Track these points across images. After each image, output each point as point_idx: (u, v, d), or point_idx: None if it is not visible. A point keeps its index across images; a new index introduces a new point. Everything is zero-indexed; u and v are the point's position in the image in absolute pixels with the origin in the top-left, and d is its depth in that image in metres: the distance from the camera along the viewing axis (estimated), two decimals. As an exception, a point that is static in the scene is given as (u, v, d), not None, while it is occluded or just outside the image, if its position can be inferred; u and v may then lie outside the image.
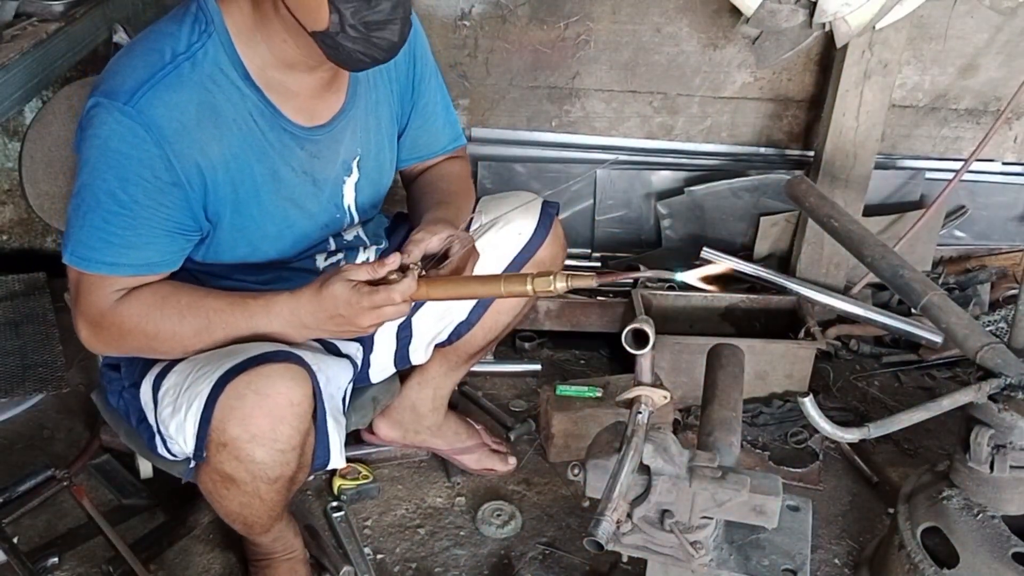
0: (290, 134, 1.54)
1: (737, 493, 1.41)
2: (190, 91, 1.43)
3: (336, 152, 1.62)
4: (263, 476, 1.48)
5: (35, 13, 1.92)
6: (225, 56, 1.46)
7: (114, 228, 1.44)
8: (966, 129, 2.75)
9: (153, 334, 1.48)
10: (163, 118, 1.41)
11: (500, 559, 1.97)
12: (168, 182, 1.44)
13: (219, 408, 1.42)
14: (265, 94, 1.50)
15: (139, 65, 1.43)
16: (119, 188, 1.42)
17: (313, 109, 1.57)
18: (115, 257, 1.45)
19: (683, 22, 2.58)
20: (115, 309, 1.47)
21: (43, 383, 2.33)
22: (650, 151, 2.75)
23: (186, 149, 1.44)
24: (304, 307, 1.48)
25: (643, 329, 1.39)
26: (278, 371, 1.42)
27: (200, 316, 1.48)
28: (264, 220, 1.57)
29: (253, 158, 1.51)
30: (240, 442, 1.43)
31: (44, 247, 2.86)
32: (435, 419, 2.13)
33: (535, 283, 1.38)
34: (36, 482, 1.98)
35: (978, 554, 1.65)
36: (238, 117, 1.48)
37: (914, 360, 2.67)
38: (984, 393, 1.63)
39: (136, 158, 1.41)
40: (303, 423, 1.46)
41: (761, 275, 2.65)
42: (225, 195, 1.51)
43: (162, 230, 1.47)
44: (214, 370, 1.45)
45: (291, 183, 1.57)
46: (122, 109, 1.39)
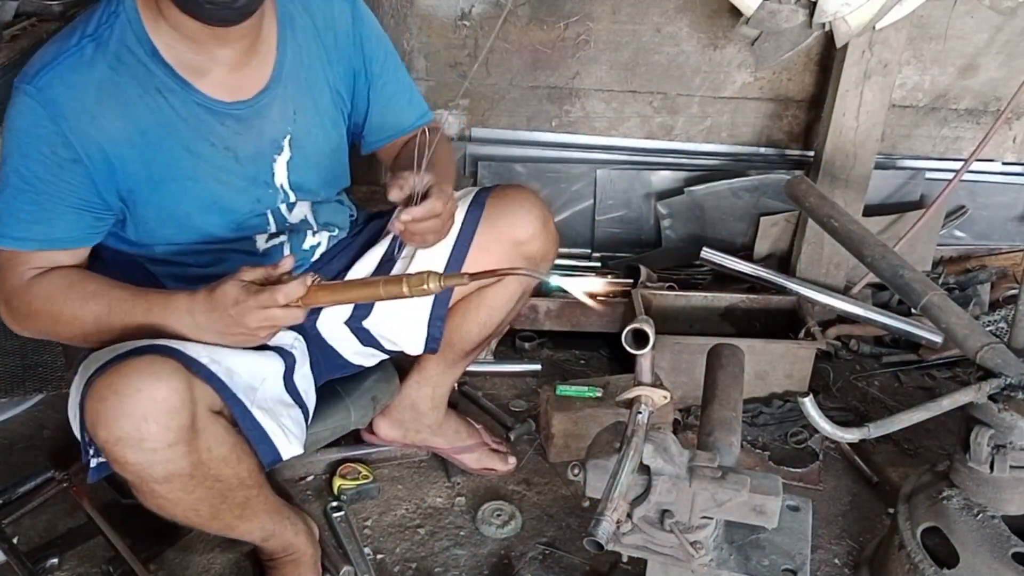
0: (205, 108, 1.55)
1: (737, 493, 1.41)
2: (90, 70, 1.46)
3: (261, 129, 1.62)
4: (148, 477, 1.43)
5: (35, 13, 1.92)
6: (132, 35, 1.48)
7: (21, 204, 1.48)
8: (966, 129, 2.75)
9: (56, 316, 1.50)
10: (60, 96, 1.45)
11: (500, 559, 1.97)
12: (67, 158, 1.47)
13: (88, 412, 1.39)
14: (175, 70, 1.51)
15: (49, 50, 1.48)
16: (22, 165, 1.47)
17: (233, 84, 1.57)
18: (22, 232, 1.49)
19: (683, 22, 2.58)
20: (26, 288, 1.51)
21: (43, 383, 2.32)
22: (650, 151, 2.76)
23: (84, 126, 1.47)
24: (198, 306, 1.46)
25: (643, 329, 1.39)
26: (139, 368, 1.37)
27: (102, 304, 1.49)
28: (183, 195, 1.57)
29: (164, 134, 1.52)
30: (109, 445, 1.39)
31: (44, 247, 2.86)
32: (435, 417, 2.13)
33: (409, 284, 1.38)
34: (36, 483, 1.98)
35: (978, 554, 1.65)
36: (144, 94, 1.50)
37: (914, 360, 2.67)
38: (984, 393, 1.63)
39: (34, 134, 1.46)
40: (174, 419, 1.39)
41: (761, 275, 2.65)
42: (136, 171, 1.52)
43: (66, 206, 1.50)
44: (88, 367, 1.45)
45: (210, 158, 1.57)
46: (25, 90, 1.45)
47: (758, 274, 2.65)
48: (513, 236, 1.81)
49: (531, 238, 1.83)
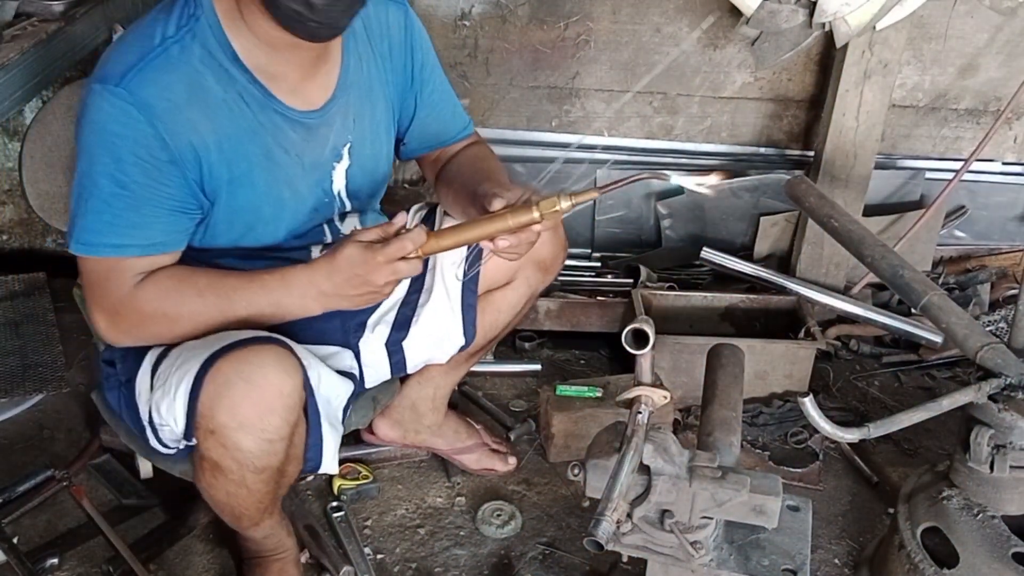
0: (281, 115, 1.55)
1: (737, 493, 1.41)
2: (179, 72, 1.45)
3: (327, 137, 1.63)
4: (250, 465, 1.48)
5: (35, 13, 1.92)
6: (214, 39, 1.47)
7: (117, 210, 1.45)
8: (966, 129, 2.75)
9: (175, 316, 1.49)
10: (153, 97, 1.42)
11: (500, 559, 1.97)
12: (164, 160, 1.45)
13: (207, 393, 1.42)
14: (255, 76, 1.51)
15: (128, 50, 1.45)
16: (117, 169, 1.43)
17: (305, 93, 1.57)
18: (120, 239, 1.46)
19: (683, 22, 2.58)
20: (133, 295, 1.48)
21: (43, 383, 2.33)
22: (650, 151, 2.75)
23: (178, 127, 1.45)
24: (319, 274, 1.49)
25: (643, 329, 1.39)
26: (268, 360, 1.43)
27: (220, 295, 1.49)
28: (258, 200, 1.57)
29: (245, 138, 1.52)
30: (228, 430, 1.43)
31: (44, 247, 2.86)
32: (435, 418, 2.13)
33: (541, 206, 1.40)
34: (36, 482, 1.98)
35: (978, 554, 1.65)
36: (228, 98, 1.49)
37: (914, 360, 2.67)
38: (984, 393, 1.63)
39: (130, 138, 1.42)
40: (292, 414, 1.46)
41: (761, 275, 2.65)
42: (220, 174, 1.52)
43: (164, 209, 1.48)
44: (203, 350, 1.46)
45: (284, 164, 1.58)
46: (113, 91, 1.41)
47: (758, 274, 2.65)
48: None
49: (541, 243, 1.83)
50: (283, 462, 1.51)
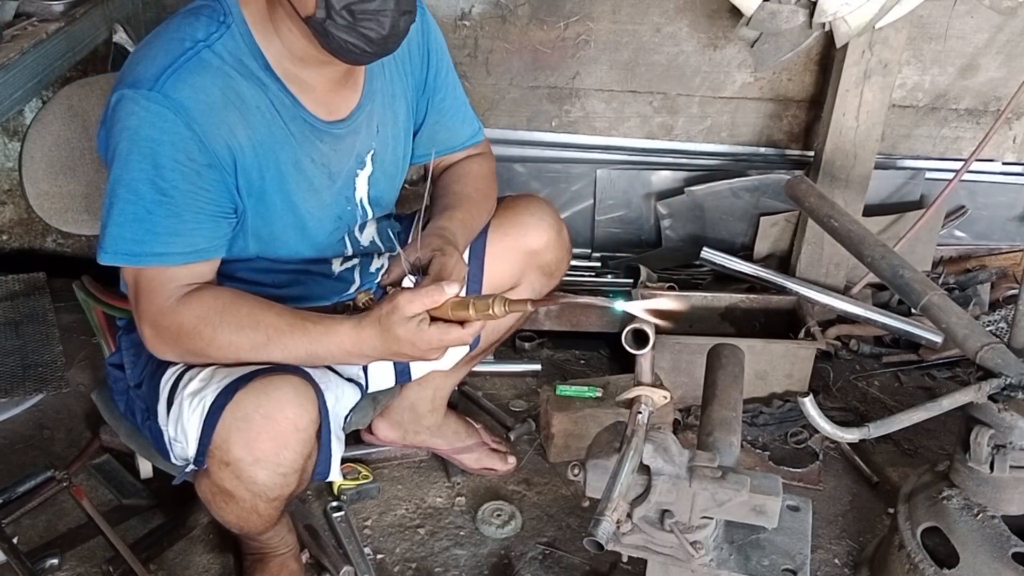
0: (310, 126, 1.54)
1: (737, 493, 1.41)
2: (213, 75, 1.43)
3: (352, 146, 1.62)
4: (263, 496, 1.49)
5: (35, 13, 1.92)
6: (244, 46, 1.46)
7: (158, 217, 1.41)
8: (966, 129, 2.75)
9: (210, 340, 1.45)
10: (190, 100, 1.40)
11: (500, 559, 1.97)
12: (203, 164, 1.43)
13: (224, 426, 1.41)
14: (286, 85, 1.50)
15: (159, 54, 1.42)
16: (156, 176, 1.40)
17: (331, 103, 1.57)
18: (163, 247, 1.43)
19: (683, 22, 2.58)
20: (175, 309, 1.45)
21: (43, 383, 2.33)
22: (650, 151, 2.75)
23: (215, 129, 1.43)
24: (367, 342, 1.44)
25: (643, 329, 1.39)
26: (288, 394, 1.41)
27: (259, 332, 1.45)
28: (286, 209, 1.56)
29: (277, 146, 1.51)
30: (243, 464, 1.43)
31: (44, 247, 2.86)
32: (434, 419, 2.13)
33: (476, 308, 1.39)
34: (36, 482, 1.98)
35: (978, 554, 1.65)
36: (261, 105, 1.48)
37: (914, 360, 2.67)
38: (984, 393, 1.63)
39: (168, 142, 1.39)
40: (307, 447, 1.46)
41: (761, 275, 2.65)
42: (252, 180, 1.50)
43: (205, 214, 1.46)
44: (222, 378, 1.45)
45: (311, 174, 1.57)
46: (148, 96, 1.38)
47: (758, 274, 2.65)
48: (527, 245, 1.83)
49: (546, 247, 1.85)
50: (295, 489, 1.52)
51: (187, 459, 1.51)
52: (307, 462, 1.50)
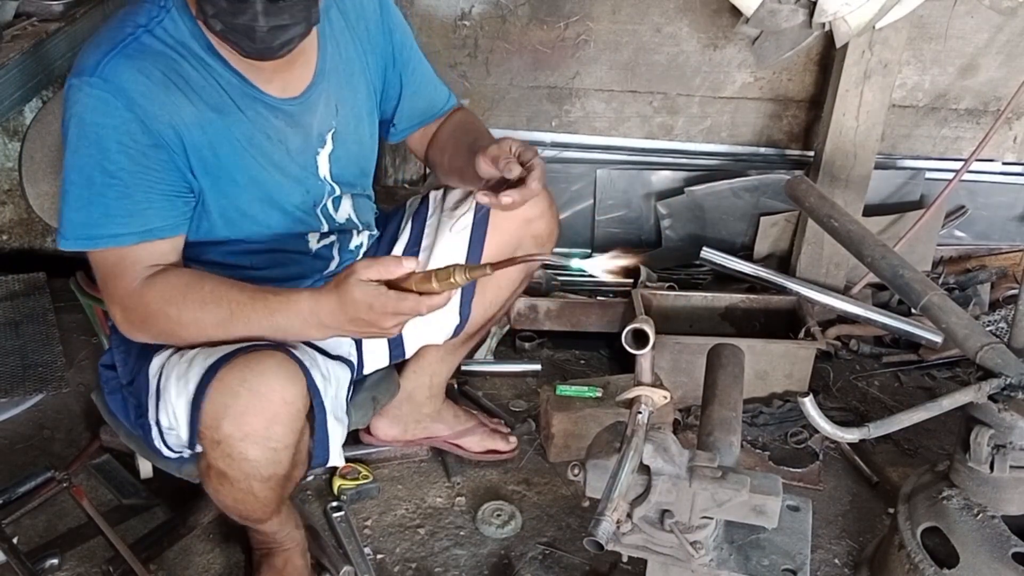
0: (261, 102, 1.56)
1: (737, 493, 1.41)
2: (153, 58, 1.46)
3: (310, 123, 1.63)
4: (256, 475, 1.49)
5: (35, 13, 1.92)
6: (186, 29, 1.48)
7: (109, 199, 1.44)
8: (966, 129, 2.75)
9: (176, 319, 1.47)
10: (129, 82, 1.43)
11: (500, 559, 1.97)
12: (148, 144, 1.46)
13: (211, 404, 1.42)
14: (231, 64, 1.52)
15: (102, 42, 1.46)
16: (103, 159, 1.43)
17: (283, 81, 1.58)
18: (118, 228, 1.45)
19: (683, 22, 2.58)
20: (140, 291, 1.47)
21: (43, 383, 2.33)
22: (650, 151, 2.75)
23: (157, 110, 1.45)
24: (324, 306, 1.45)
25: (643, 329, 1.39)
26: (272, 368, 1.42)
27: (222, 307, 1.47)
28: (245, 185, 1.58)
29: (228, 123, 1.53)
30: (233, 440, 1.43)
31: (44, 247, 2.86)
32: (433, 406, 2.14)
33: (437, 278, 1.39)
34: (36, 483, 1.98)
35: (978, 554, 1.65)
36: (207, 86, 1.50)
37: (914, 360, 2.67)
38: (984, 393, 1.63)
39: (111, 126, 1.43)
40: (297, 422, 1.47)
41: (761, 275, 2.65)
42: (206, 158, 1.52)
43: (156, 193, 1.48)
44: (204, 358, 1.46)
45: (267, 150, 1.58)
46: (89, 82, 1.42)
47: (758, 274, 2.65)
48: (523, 214, 1.84)
49: (540, 215, 1.87)
50: (289, 469, 1.52)
51: (183, 445, 1.52)
52: (300, 440, 1.50)
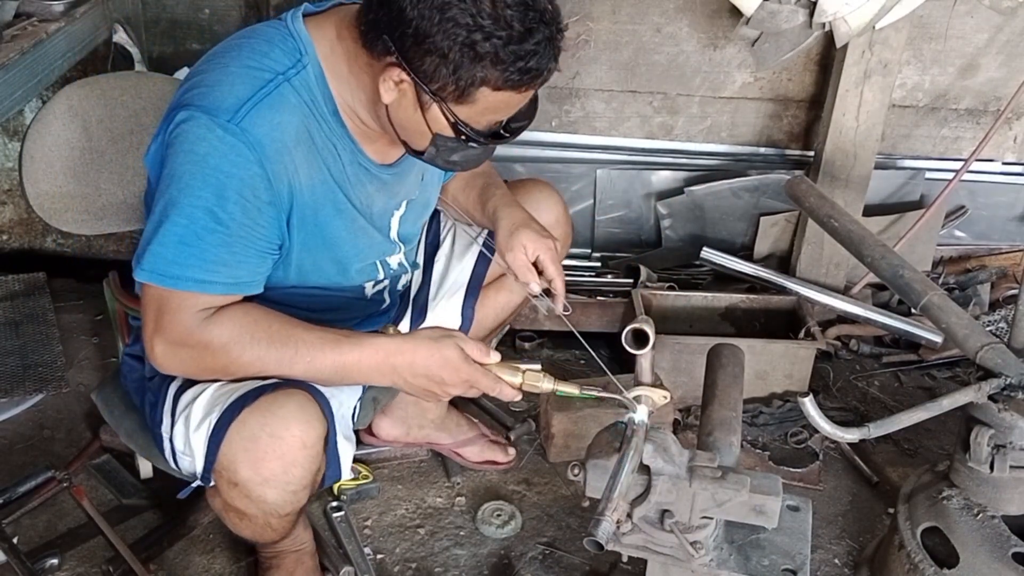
0: (364, 169, 1.55)
1: (737, 493, 1.41)
2: (291, 112, 1.41)
3: (397, 191, 1.64)
4: (274, 513, 1.49)
5: (35, 13, 1.92)
6: (317, 88, 1.44)
7: (208, 245, 1.39)
8: (966, 129, 2.75)
9: (236, 357, 1.42)
10: (266, 137, 1.38)
11: (500, 559, 1.97)
12: (265, 201, 1.42)
13: (229, 445, 1.41)
14: (349, 130, 1.50)
15: (237, 82, 1.38)
16: (217, 206, 1.37)
17: (385, 148, 1.58)
18: (206, 275, 1.40)
19: (683, 22, 2.58)
20: (204, 328, 1.41)
21: (43, 383, 2.33)
22: (650, 151, 2.75)
23: (282, 169, 1.42)
24: (407, 354, 1.45)
25: (643, 329, 1.39)
26: (293, 412, 1.41)
27: (288, 346, 1.43)
28: (332, 244, 1.57)
29: (335, 185, 1.51)
30: (252, 484, 1.42)
31: (44, 247, 2.86)
32: (439, 413, 2.15)
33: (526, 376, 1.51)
34: (36, 483, 1.98)
35: (978, 554, 1.65)
36: (325, 146, 1.48)
37: (914, 360, 2.67)
38: (984, 393, 1.63)
39: (238, 176, 1.37)
40: (315, 463, 1.46)
41: (761, 275, 2.65)
42: (306, 217, 1.50)
43: (255, 249, 1.44)
44: (228, 394, 1.44)
45: (356, 213, 1.58)
46: (225, 126, 1.35)
47: (758, 274, 2.65)
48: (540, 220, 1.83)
49: (556, 222, 1.88)
50: (308, 499, 1.53)
51: (194, 473, 1.51)
52: (317, 475, 1.50)
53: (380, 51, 1.36)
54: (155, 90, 1.89)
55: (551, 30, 1.36)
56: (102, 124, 1.82)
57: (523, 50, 1.32)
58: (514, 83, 1.35)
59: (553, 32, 1.36)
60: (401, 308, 1.88)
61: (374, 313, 1.79)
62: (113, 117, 1.83)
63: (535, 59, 1.34)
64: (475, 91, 1.34)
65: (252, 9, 2.53)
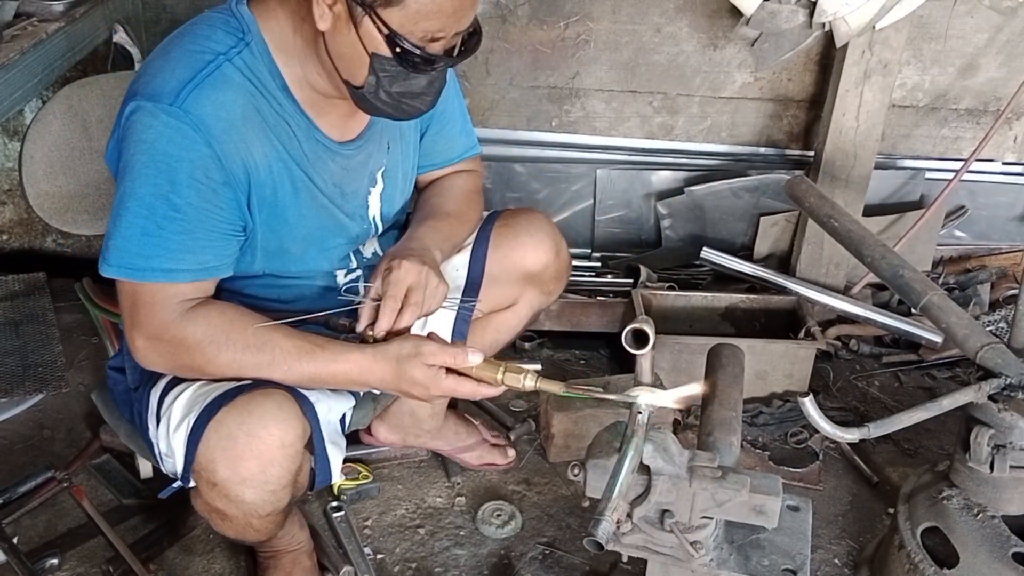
0: (323, 146, 1.54)
1: (737, 493, 1.41)
2: (234, 90, 1.40)
3: (365, 165, 1.63)
4: (254, 513, 1.48)
5: (35, 13, 1.92)
6: (263, 65, 1.44)
7: (169, 233, 1.38)
8: (966, 129, 2.75)
9: (212, 358, 1.43)
10: (211, 116, 1.37)
11: (500, 559, 1.97)
12: (220, 182, 1.41)
13: (207, 446, 1.40)
14: (302, 106, 1.49)
15: (178, 66, 1.38)
16: (172, 192, 1.37)
17: (343, 125, 1.57)
18: (172, 263, 1.39)
19: (683, 22, 2.58)
20: (180, 323, 1.41)
21: (43, 383, 2.33)
22: (650, 151, 2.75)
23: (233, 148, 1.41)
24: (376, 374, 1.45)
25: (643, 329, 1.39)
26: (271, 411, 1.40)
27: (265, 352, 1.43)
28: (297, 223, 1.55)
29: (291, 163, 1.50)
30: (230, 484, 1.42)
31: (44, 247, 2.86)
32: (435, 423, 2.14)
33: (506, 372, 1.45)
34: (36, 483, 1.98)
35: (978, 554, 1.65)
36: (277, 123, 1.47)
37: (914, 360, 2.67)
38: (984, 393, 1.63)
39: (187, 159, 1.37)
40: (294, 463, 1.45)
41: (761, 275, 2.65)
42: (265, 196, 1.49)
43: (217, 232, 1.44)
44: (205, 394, 1.44)
45: (323, 192, 1.56)
46: (168, 110, 1.35)
47: (758, 274, 2.65)
48: (525, 267, 1.81)
49: (543, 269, 1.83)
50: (290, 502, 1.52)
51: (177, 476, 1.50)
52: (298, 475, 1.49)
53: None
54: (155, 90, 1.89)
55: None
56: (102, 124, 1.82)
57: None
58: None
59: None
60: None
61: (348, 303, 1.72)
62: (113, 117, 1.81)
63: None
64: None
65: (252, 9, 2.53)
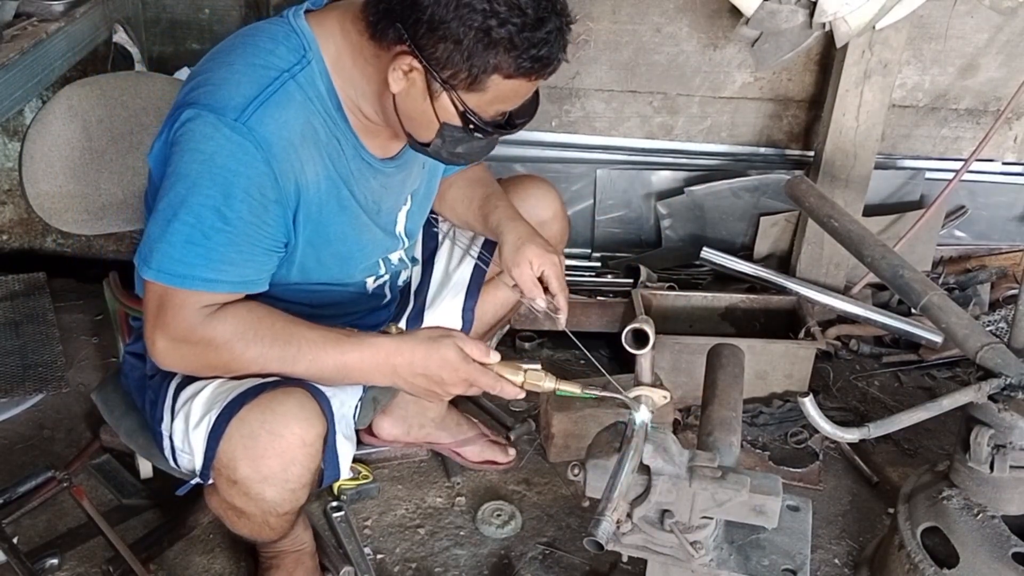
0: (367, 164, 1.55)
1: (737, 493, 1.41)
2: (296, 109, 1.41)
3: (403, 184, 1.64)
4: (273, 512, 1.49)
5: (35, 13, 1.92)
6: (322, 84, 1.44)
7: (215, 244, 1.38)
8: (966, 129, 2.75)
9: (239, 354, 1.42)
10: (273, 135, 1.38)
11: (500, 559, 1.97)
12: (272, 199, 1.41)
13: (229, 443, 1.40)
14: (352, 126, 1.50)
15: (244, 80, 1.38)
16: (224, 205, 1.37)
17: (386, 145, 1.58)
18: (214, 274, 1.40)
19: (683, 22, 2.58)
20: (207, 325, 1.41)
21: (43, 383, 2.33)
22: (650, 151, 2.75)
23: (289, 166, 1.41)
24: (406, 354, 1.46)
25: (643, 329, 1.39)
26: (293, 409, 1.41)
27: (291, 344, 1.43)
28: (335, 240, 1.56)
29: (340, 181, 1.51)
30: (251, 482, 1.42)
31: (44, 247, 2.86)
32: (439, 411, 2.15)
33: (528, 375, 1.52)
34: (36, 483, 1.98)
35: (978, 554, 1.65)
36: (330, 142, 1.47)
37: (914, 360, 2.67)
38: (984, 393, 1.63)
39: (245, 175, 1.37)
40: (314, 461, 1.46)
41: (761, 275, 2.65)
42: (311, 213, 1.49)
43: (262, 248, 1.44)
44: (228, 392, 1.44)
45: (364, 210, 1.58)
46: (232, 125, 1.35)
47: (758, 274, 2.65)
48: (538, 215, 1.85)
49: (553, 217, 1.89)
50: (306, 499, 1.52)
51: (193, 471, 1.50)
52: (316, 474, 1.50)
53: (391, 40, 1.35)
54: (155, 90, 1.89)
55: (562, 20, 1.36)
56: (102, 124, 1.82)
57: (536, 37, 1.32)
58: (525, 71, 1.35)
59: (563, 23, 1.36)
60: (402, 303, 1.89)
61: (376, 307, 1.79)
62: (113, 117, 1.83)
63: (547, 47, 1.34)
64: (487, 78, 1.34)
65: (252, 9, 2.53)
